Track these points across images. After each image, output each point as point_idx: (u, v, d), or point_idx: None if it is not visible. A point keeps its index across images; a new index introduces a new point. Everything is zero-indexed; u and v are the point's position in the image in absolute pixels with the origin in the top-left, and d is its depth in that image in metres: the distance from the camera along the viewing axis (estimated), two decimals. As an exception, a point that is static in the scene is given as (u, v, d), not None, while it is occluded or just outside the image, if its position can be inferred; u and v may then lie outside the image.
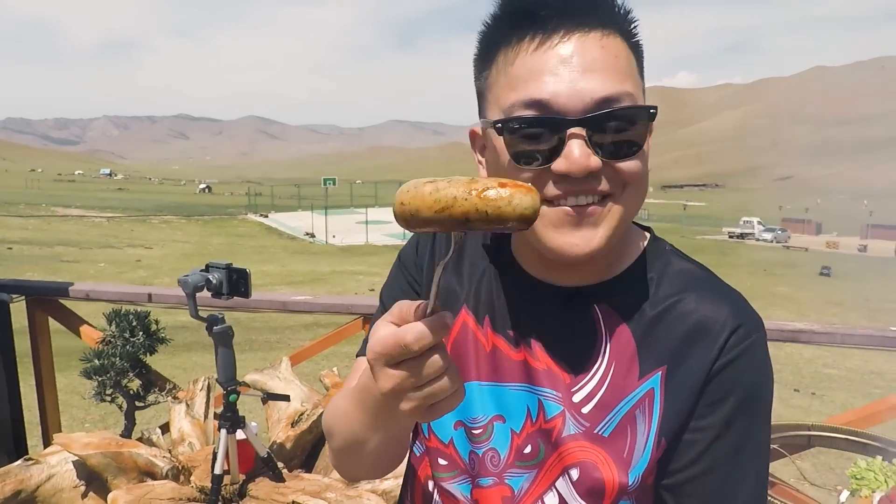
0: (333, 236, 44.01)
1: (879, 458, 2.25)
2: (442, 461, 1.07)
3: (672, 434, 0.95)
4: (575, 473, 0.97)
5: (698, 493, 0.96)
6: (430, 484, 1.09)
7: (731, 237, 63.09)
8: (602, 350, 0.96)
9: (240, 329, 2.32)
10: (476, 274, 1.07)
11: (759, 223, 67.55)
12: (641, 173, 0.90)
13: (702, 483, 0.96)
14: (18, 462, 2.63)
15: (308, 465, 2.80)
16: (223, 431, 2.23)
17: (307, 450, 2.84)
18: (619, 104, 0.85)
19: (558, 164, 0.86)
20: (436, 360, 0.76)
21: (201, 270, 2.20)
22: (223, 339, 2.18)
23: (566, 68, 0.84)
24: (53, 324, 4.03)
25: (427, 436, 1.09)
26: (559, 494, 0.98)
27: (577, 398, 0.96)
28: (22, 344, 3.88)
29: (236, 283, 2.14)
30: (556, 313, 0.97)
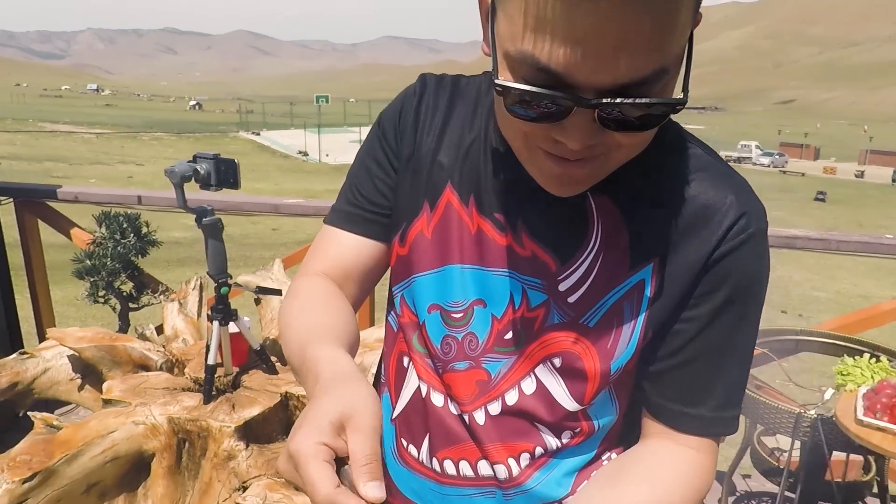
0: (327, 155, 43.53)
1: (867, 355, 2.28)
2: (416, 339, 1.04)
3: (659, 326, 0.92)
4: (557, 361, 0.95)
5: (678, 384, 0.95)
6: (406, 359, 1.07)
7: (728, 161, 62.58)
8: (592, 239, 0.92)
9: (233, 245, 2.29)
10: (462, 147, 1.00)
11: (757, 147, 67.13)
12: (647, 139, 0.80)
13: (683, 373, 0.94)
14: (13, 355, 2.64)
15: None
16: (216, 323, 2.23)
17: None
18: (648, 86, 0.69)
19: (555, 132, 0.75)
20: None
21: (188, 161, 2.14)
22: (213, 231, 2.15)
23: (597, 37, 0.65)
24: (45, 236, 4.00)
25: (400, 312, 1.06)
26: (538, 380, 0.97)
27: (563, 287, 0.93)
28: (14, 257, 3.87)
29: (225, 174, 2.09)
30: (545, 199, 0.90)
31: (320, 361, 0.84)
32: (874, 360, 2.24)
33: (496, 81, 0.73)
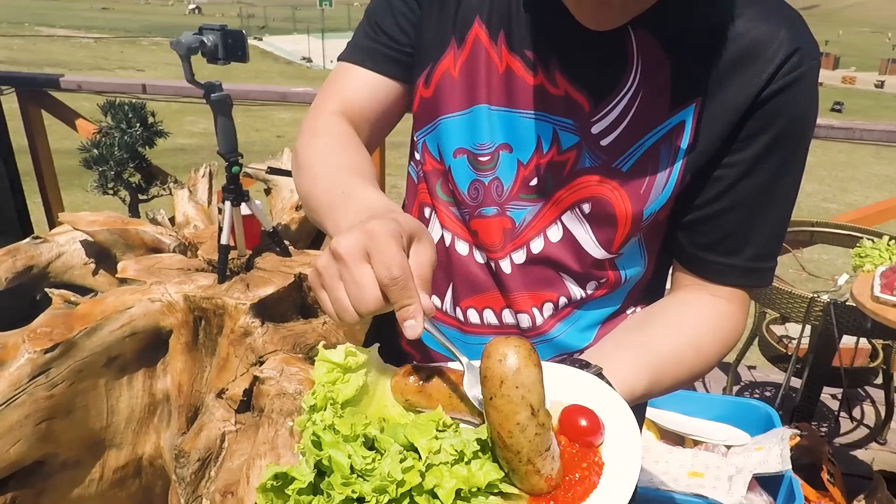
0: (331, 62, 42.49)
1: (886, 237, 2.26)
2: (439, 186, 1.01)
3: (698, 171, 0.88)
4: (586, 207, 0.92)
5: (714, 233, 0.92)
6: (427, 210, 1.04)
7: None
8: (631, 77, 0.86)
9: (244, 129, 2.22)
10: None
11: (773, 56, 65.12)
12: None
13: (720, 222, 0.91)
14: (27, 240, 2.65)
15: (314, 248, 2.83)
16: (227, 204, 2.21)
17: (312, 235, 2.86)
18: None
19: None
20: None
21: (194, 33, 2.07)
22: (222, 108, 2.10)
23: None
24: (53, 143, 3.93)
25: (422, 159, 1.03)
26: (564, 228, 0.94)
27: (596, 129, 0.89)
28: (23, 162, 3.82)
29: (232, 46, 2.02)
30: (581, 34, 0.85)
31: (371, 198, 0.82)
32: (893, 241, 2.22)
33: None
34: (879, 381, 3.01)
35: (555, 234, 0.96)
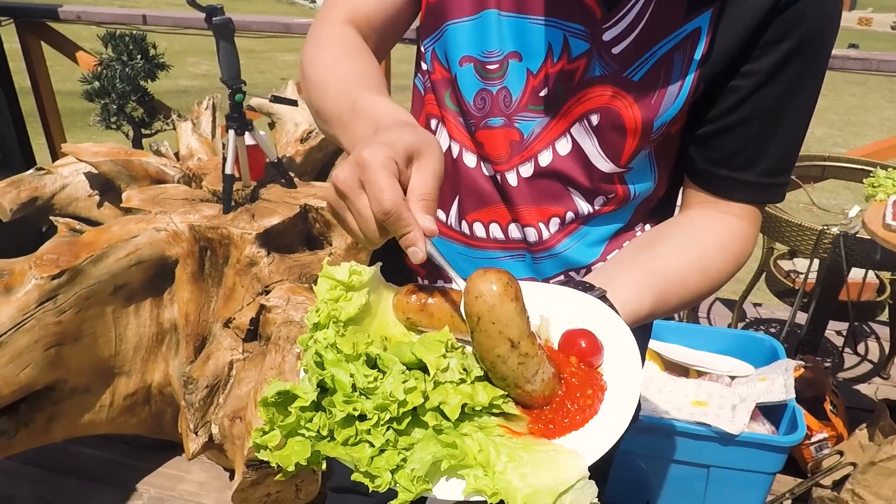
0: (336, 1, 41.54)
1: (900, 166, 2.22)
2: (448, 96, 0.98)
3: (712, 81, 0.85)
4: (595, 119, 0.89)
5: (727, 147, 0.90)
6: (434, 121, 1.02)
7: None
8: None
9: (246, 56, 2.17)
10: None
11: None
12: None
13: (734, 135, 0.88)
14: (30, 171, 2.63)
15: (319, 181, 2.80)
16: (231, 133, 2.18)
17: (317, 168, 2.83)
18: None
19: None
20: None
21: (194, -47, 2.01)
22: (224, 33, 2.05)
23: None
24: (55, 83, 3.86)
25: (431, 68, 1.00)
26: (573, 140, 0.91)
27: (607, 36, 0.85)
28: (26, 104, 3.76)
29: (234, -32, 1.96)
30: None
31: (379, 109, 0.80)
32: (907, 172, 2.19)
33: None
34: (885, 316, 3.01)
35: (563, 146, 0.93)
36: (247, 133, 2.23)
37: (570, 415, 0.66)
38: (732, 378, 2.26)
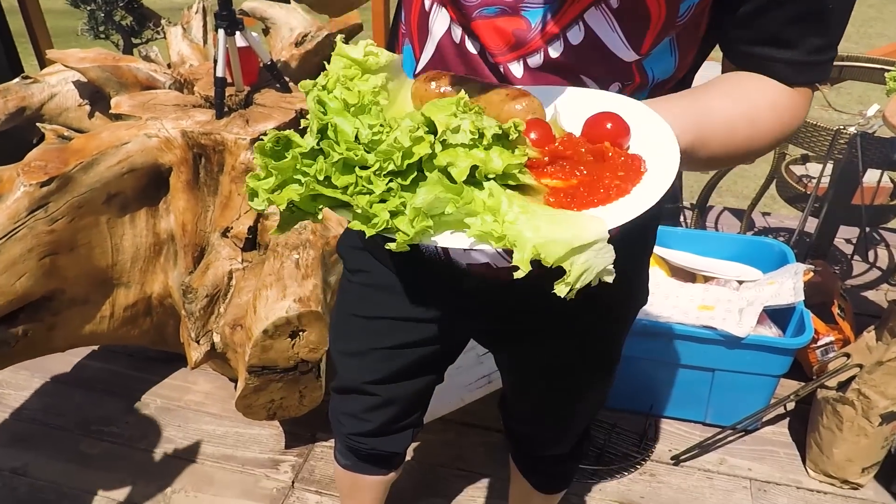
0: None
1: (924, 59, 2.12)
2: None
3: None
4: (614, 2, 0.81)
5: (768, 25, 0.80)
6: (428, 2, 0.93)
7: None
8: None
9: None
10: None
11: None
12: None
13: (775, 13, 0.79)
14: (16, 80, 2.54)
15: (316, 88, 2.70)
16: (221, 32, 2.07)
17: (314, 73, 2.73)
18: None
19: None
20: None
21: None
22: (208, -77, 1.91)
23: None
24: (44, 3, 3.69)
25: None
26: (587, 27, 0.82)
27: None
28: (15, 23, 3.59)
29: None
30: None
31: None
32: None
33: None
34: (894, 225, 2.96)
35: (575, 35, 0.84)
36: (238, 34, 2.12)
37: (594, 190, 0.61)
38: (740, 283, 2.23)
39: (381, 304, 1.22)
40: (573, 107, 0.68)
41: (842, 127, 2.21)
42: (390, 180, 0.58)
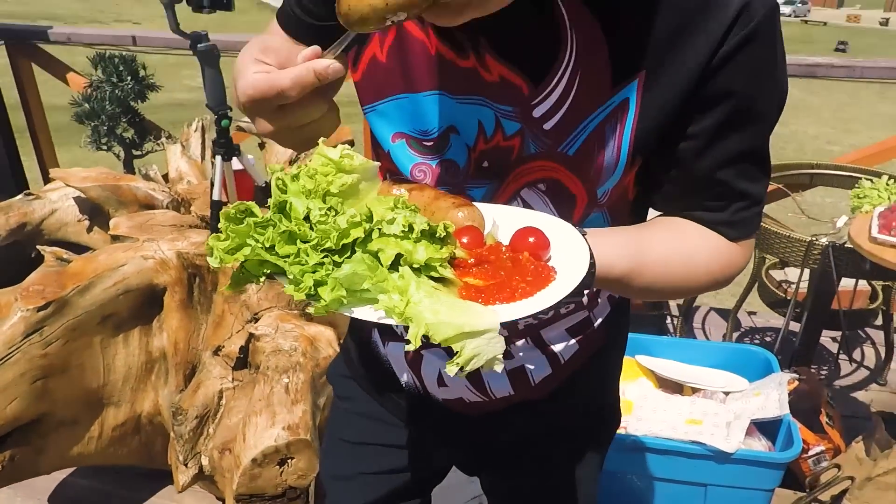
0: (329, 10, 41.60)
1: (885, 177, 2.22)
2: (390, 161, 0.96)
3: (650, 149, 0.83)
4: (542, 186, 0.88)
5: (692, 198, 0.88)
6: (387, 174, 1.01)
7: (747, 10, 59.53)
8: (567, 54, 0.79)
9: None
10: None
11: (780, -5, 63.69)
12: None
13: (697, 188, 0.86)
14: (19, 196, 2.63)
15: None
16: (218, 158, 2.18)
17: (307, 188, 2.83)
18: None
19: None
20: (317, 106, 0.71)
21: (177, -19, 2.00)
22: (209, 59, 2.04)
23: None
24: (45, 97, 3.85)
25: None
26: (525, 203, 0.90)
27: (537, 113, 0.82)
28: (16, 119, 3.76)
29: (217, -7, 1.96)
30: (508, 10, 0.74)
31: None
32: (892, 181, 2.18)
33: None
34: (879, 322, 3.01)
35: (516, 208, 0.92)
36: (234, 158, 2.22)
37: (502, 290, 0.68)
38: (727, 394, 2.25)
39: (366, 431, 1.26)
40: (512, 223, 0.77)
41: (814, 238, 2.30)
42: (325, 255, 0.66)
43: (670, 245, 0.88)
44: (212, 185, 2.19)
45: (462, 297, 0.67)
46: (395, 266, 0.66)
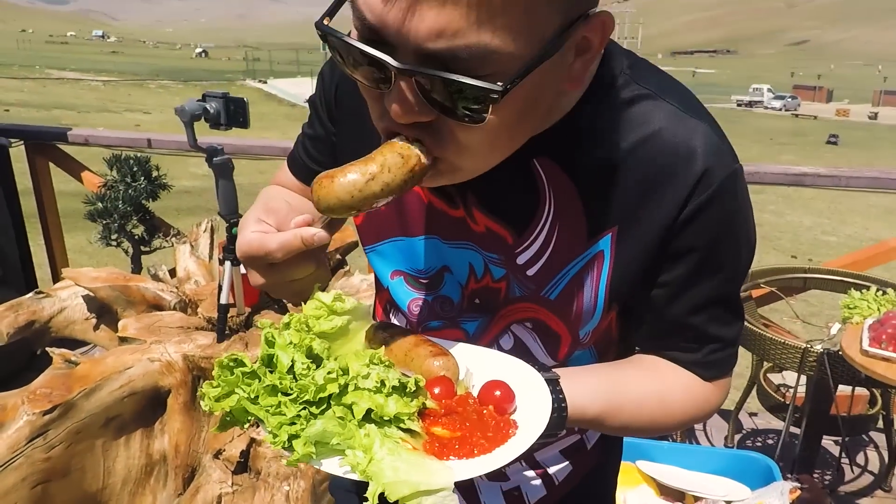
0: (334, 103, 42.83)
1: (874, 287, 2.28)
2: (388, 297, 1.05)
3: (624, 297, 0.90)
4: (529, 324, 0.95)
5: (668, 340, 0.94)
6: (388, 305, 1.08)
7: (738, 105, 61.42)
8: (545, 209, 0.86)
9: (241, 194, 2.27)
10: None
11: (769, 90, 65.76)
12: (482, 144, 0.74)
13: (672, 331, 0.92)
14: (29, 295, 2.68)
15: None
16: (227, 264, 2.25)
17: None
18: (458, 62, 0.64)
19: (386, 100, 0.71)
20: (303, 267, 0.79)
21: (198, 100, 2.13)
22: (223, 171, 2.15)
23: None
24: (56, 184, 3.99)
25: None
26: (515, 336, 0.97)
27: (521, 260, 0.90)
28: (28, 205, 3.87)
29: (234, 112, 2.08)
30: (492, 169, 0.81)
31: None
32: (881, 292, 2.24)
33: (327, 30, 0.71)
34: (880, 425, 3.00)
35: (507, 342, 0.97)
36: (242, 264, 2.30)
37: (463, 445, 0.74)
38: (729, 503, 2.24)
39: None
40: (485, 369, 0.83)
41: (809, 345, 2.34)
42: (303, 407, 0.72)
43: (645, 385, 0.92)
44: (220, 288, 2.25)
45: (426, 450, 0.73)
46: (367, 417, 0.73)
